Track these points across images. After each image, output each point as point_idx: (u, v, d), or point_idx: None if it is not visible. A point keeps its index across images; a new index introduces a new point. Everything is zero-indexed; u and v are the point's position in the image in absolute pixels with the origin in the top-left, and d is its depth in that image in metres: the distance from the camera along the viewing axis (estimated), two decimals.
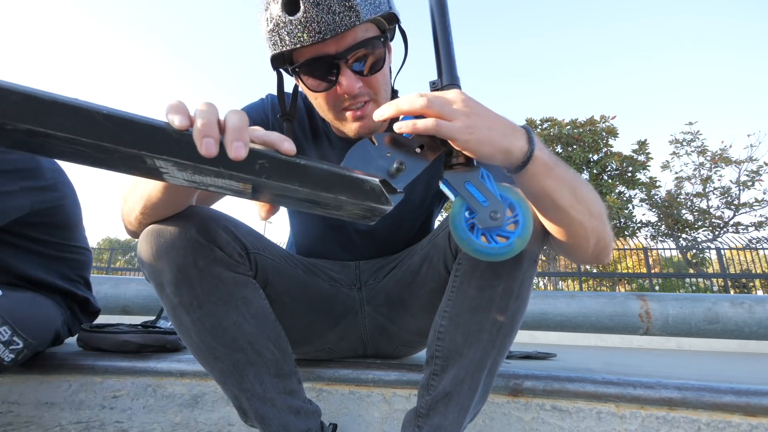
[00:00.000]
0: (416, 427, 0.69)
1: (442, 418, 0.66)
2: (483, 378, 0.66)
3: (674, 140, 11.69)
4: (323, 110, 0.75)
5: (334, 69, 0.67)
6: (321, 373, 0.97)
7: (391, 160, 0.47)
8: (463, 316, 0.65)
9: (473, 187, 0.49)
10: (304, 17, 0.62)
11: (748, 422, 0.83)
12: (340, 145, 0.87)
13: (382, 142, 0.48)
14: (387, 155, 0.47)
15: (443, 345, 0.67)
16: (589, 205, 0.57)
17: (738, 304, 1.85)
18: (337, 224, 0.90)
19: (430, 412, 0.67)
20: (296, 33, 0.63)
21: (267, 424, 0.68)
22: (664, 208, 11.02)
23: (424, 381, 0.70)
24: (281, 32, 0.64)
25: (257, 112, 0.85)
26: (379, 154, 0.47)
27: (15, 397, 1.01)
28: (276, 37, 0.65)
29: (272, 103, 0.87)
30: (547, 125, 11.65)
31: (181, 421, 0.97)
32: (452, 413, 0.66)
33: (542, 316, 1.96)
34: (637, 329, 1.90)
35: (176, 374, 1.01)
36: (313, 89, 0.70)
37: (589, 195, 0.58)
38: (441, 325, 0.67)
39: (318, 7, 0.62)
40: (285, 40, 0.65)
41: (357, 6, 0.63)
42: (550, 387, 0.90)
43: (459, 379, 0.65)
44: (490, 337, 0.64)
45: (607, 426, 0.87)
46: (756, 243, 8.63)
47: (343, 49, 0.66)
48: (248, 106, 0.87)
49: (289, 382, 0.70)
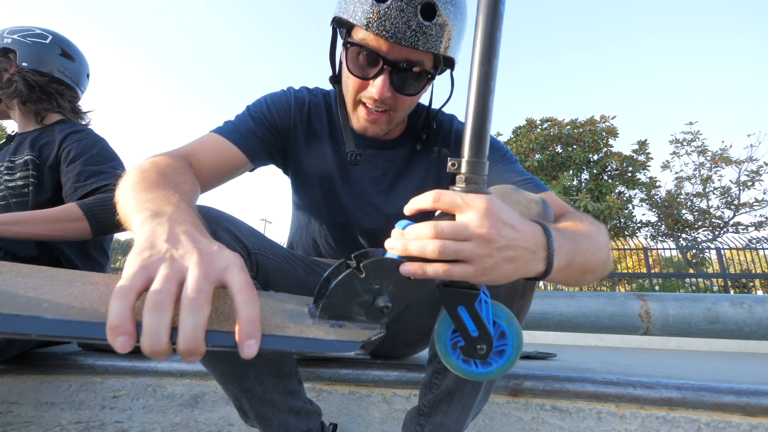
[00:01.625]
0: (418, 426, 0.69)
1: (444, 416, 0.66)
2: None
3: (674, 140, 11.69)
4: (347, 90, 0.77)
5: (377, 68, 0.70)
6: (321, 373, 0.97)
7: (378, 294, 0.43)
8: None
9: (466, 313, 0.45)
10: (385, 11, 0.65)
11: (748, 422, 0.83)
12: (353, 141, 0.88)
13: (372, 271, 0.42)
14: (375, 286, 0.42)
15: None
16: (600, 265, 0.56)
17: (738, 304, 1.85)
18: (341, 222, 0.90)
19: (432, 410, 0.67)
20: (370, 17, 0.66)
21: (267, 424, 0.68)
22: (664, 208, 11.02)
23: (426, 379, 0.70)
24: (357, 5, 0.67)
25: (281, 102, 0.86)
26: (366, 287, 0.42)
27: (15, 397, 1.01)
28: (351, 5, 0.68)
29: (295, 97, 0.88)
30: (547, 125, 11.65)
31: (181, 421, 0.97)
32: (455, 411, 0.66)
33: (542, 316, 1.96)
34: (637, 329, 1.90)
35: (176, 374, 1.01)
36: (351, 70, 0.73)
37: (600, 255, 0.56)
38: None
39: (401, 12, 0.65)
40: (357, 15, 0.67)
41: (429, 36, 0.67)
42: (550, 387, 0.90)
43: (462, 377, 0.65)
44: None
45: (607, 426, 0.87)
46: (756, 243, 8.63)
47: (394, 59, 0.69)
48: (272, 95, 0.88)
49: (289, 382, 0.70)
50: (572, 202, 9.05)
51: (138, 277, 0.33)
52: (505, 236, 0.42)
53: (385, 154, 0.89)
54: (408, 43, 0.66)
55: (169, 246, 0.36)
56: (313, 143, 0.87)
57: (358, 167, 0.88)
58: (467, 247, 0.42)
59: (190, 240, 0.38)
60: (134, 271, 0.33)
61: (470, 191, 0.44)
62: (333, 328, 0.41)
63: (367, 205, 0.88)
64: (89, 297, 0.35)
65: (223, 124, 0.81)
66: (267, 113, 0.84)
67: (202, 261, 0.35)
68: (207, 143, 0.76)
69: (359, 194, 0.88)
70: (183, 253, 0.36)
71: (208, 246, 0.38)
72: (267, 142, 0.83)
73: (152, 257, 0.35)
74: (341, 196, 0.87)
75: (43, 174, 1.17)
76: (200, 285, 0.33)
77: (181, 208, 0.45)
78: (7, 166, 1.19)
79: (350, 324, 0.42)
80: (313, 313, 0.42)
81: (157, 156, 0.63)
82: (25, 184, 1.16)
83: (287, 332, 0.38)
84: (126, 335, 0.31)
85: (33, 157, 1.18)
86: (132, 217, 0.45)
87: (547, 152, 10.97)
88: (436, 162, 0.90)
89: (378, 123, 0.77)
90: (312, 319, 0.41)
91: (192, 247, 0.36)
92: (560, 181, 9.93)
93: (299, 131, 0.87)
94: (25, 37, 1.23)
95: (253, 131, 0.81)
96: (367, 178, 0.88)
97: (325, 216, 0.90)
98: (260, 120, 0.82)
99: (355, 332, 0.41)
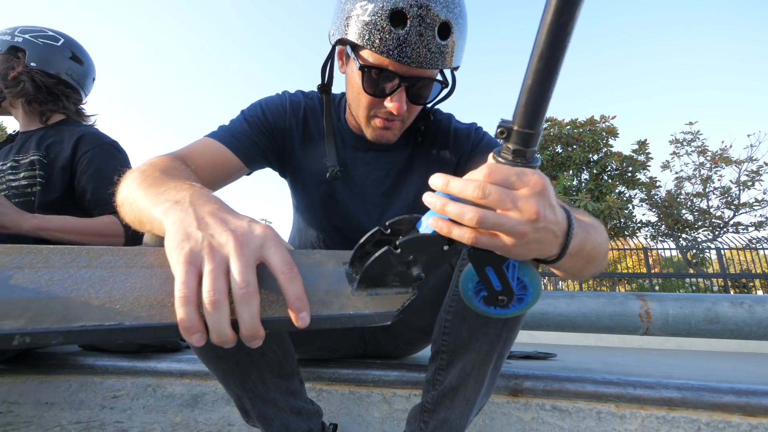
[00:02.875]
0: (422, 422, 0.69)
1: (448, 412, 0.67)
2: (489, 371, 0.67)
3: (674, 140, 11.67)
4: (358, 106, 0.78)
5: (394, 85, 0.71)
6: (321, 373, 0.97)
7: (412, 265, 0.44)
8: (468, 311, 0.65)
9: (492, 272, 0.46)
10: (404, 37, 0.65)
11: (748, 422, 0.83)
12: (352, 143, 0.89)
13: (408, 248, 0.43)
14: (409, 259, 0.44)
15: (449, 339, 0.67)
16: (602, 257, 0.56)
17: (738, 304, 1.85)
18: (340, 225, 0.90)
19: (436, 406, 0.68)
20: (388, 44, 0.66)
21: (269, 424, 0.68)
22: (664, 208, 11.01)
23: (430, 376, 0.70)
24: (374, 32, 0.67)
25: (276, 106, 0.86)
26: (401, 260, 0.44)
27: (15, 397, 1.01)
28: (366, 32, 0.67)
29: (290, 101, 0.88)
30: (548, 125, 11.64)
31: (181, 421, 0.97)
32: (458, 407, 0.67)
33: (542, 316, 1.96)
34: (637, 329, 1.90)
35: (176, 374, 1.01)
36: (366, 90, 0.73)
37: (604, 247, 0.56)
38: (446, 320, 0.68)
39: (420, 37, 0.65)
40: (374, 42, 0.67)
41: (446, 53, 0.69)
42: (550, 387, 0.90)
43: (465, 373, 0.65)
44: (496, 330, 0.64)
45: (607, 426, 0.87)
46: (756, 243, 8.61)
47: (412, 76, 0.70)
48: (266, 99, 0.88)
49: (291, 382, 0.70)
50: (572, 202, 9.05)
51: (190, 277, 0.35)
52: (547, 218, 0.41)
53: (387, 156, 0.89)
54: (429, 65, 0.68)
55: (203, 233, 0.38)
56: (311, 146, 0.88)
57: (360, 169, 0.88)
58: (508, 222, 0.39)
59: (220, 222, 0.39)
60: (184, 271, 0.35)
61: (522, 165, 0.40)
62: (370, 297, 0.44)
63: (368, 206, 0.88)
64: (152, 287, 0.38)
65: (218, 129, 0.81)
66: (262, 117, 0.84)
67: (240, 246, 0.37)
68: (202, 147, 0.76)
69: (361, 196, 0.88)
70: (219, 240, 0.37)
71: (239, 225, 0.39)
72: (263, 147, 0.83)
73: (192, 250, 0.36)
74: (342, 198, 0.88)
75: (52, 174, 1.18)
76: (246, 277, 0.36)
77: (196, 190, 0.46)
78: (12, 166, 1.19)
79: (385, 290, 0.45)
80: (350, 277, 0.45)
81: (153, 159, 0.63)
82: (30, 184, 1.16)
83: (331, 310, 0.42)
84: (198, 333, 0.35)
85: (40, 157, 1.18)
86: (150, 210, 0.45)
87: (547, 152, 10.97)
88: (436, 162, 0.90)
89: (392, 131, 0.79)
90: (350, 286, 0.44)
91: (225, 231, 0.38)
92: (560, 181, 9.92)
93: (295, 135, 0.87)
94: (36, 37, 1.23)
95: (249, 135, 0.81)
96: (369, 180, 0.88)
97: (323, 218, 0.90)
98: (256, 124, 0.82)
99: (391, 299, 0.45)
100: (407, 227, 0.44)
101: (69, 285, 0.37)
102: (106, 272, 0.39)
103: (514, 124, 0.39)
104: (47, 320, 0.34)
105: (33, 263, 0.38)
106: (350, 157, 0.88)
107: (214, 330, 0.35)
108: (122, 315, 0.36)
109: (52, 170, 1.18)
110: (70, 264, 0.38)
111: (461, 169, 0.89)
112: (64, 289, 0.36)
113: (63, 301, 0.35)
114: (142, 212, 0.48)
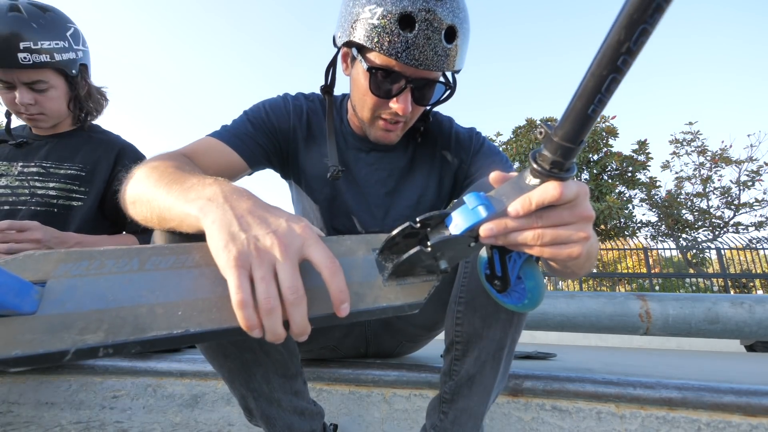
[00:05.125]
0: (441, 413, 0.69)
1: (467, 400, 0.67)
2: (504, 357, 0.67)
3: (674, 140, 11.68)
4: (363, 108, 0.79)
5: (400, 86, 0.73)
6: (321, 373, 0.97)
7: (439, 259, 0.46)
8: (479, 300, 0.65)
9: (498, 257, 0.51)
10: (412, 40, 0.67)
11: (748, 422, 0.83)
12: (354, 145, 0.90)
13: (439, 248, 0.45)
14: (438, 254, 0.45)
15: (462, 330, 0.67)
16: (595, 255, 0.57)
17: (738, 304, 1.85)
18: (345, 226, 0.90)
19: (454, 396, 0.68)
20: (397, 47, 0.68)
21: (272, 424, 0.68)
22: (664, 208, 11.01)
23: (446, 368, 0.71)
24: (383, 35, 0.68)
25: (279, 108, 0.87)
26: (431, 257, 0.46)
27: (15, 397, 1.01)
28: (375, 35, 0.69)
29: (293, 103, 0.89)
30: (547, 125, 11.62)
31: (181, 421, 0.97)
32: (476, 395, 0.67)
33: (542, 316, 1.96)
34: (637, 329, 1.90)
35: (176, 374, 1.01)
36: (373, 91, 0.74)
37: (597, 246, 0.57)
38: (458, 311, 0.68)
39: (428, 40, 0.67)
40: (383, 45, 0.68)
41: (451, 56, 0.71)
42: (550, 387, 0.90)
43: (481, 361, 0.66)
44: (507, 316, 0.65)
45: (607, 426, 0.87)
46: (756, 243, 8.62)
47: (418, 78, 0.72)
48: (269, 100, 0.88)
49: (295, 382, 0.70)
50: None
51: (244, 281, 0.37)
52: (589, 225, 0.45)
53: (389, 157, 0.90)
54: (435, 68, 0.70)
55: (247, 235, 0.39)
56: (313, 148, 0.88)
57: (363, 170, 0.89)
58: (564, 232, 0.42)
59: (261, 223, 0.41)
60: (237, 276, 0.37)
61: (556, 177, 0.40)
62: (400, 286, 0.47)
63: (372, 207, 0.89)
64: (204, 289, 0.40)
65: (221, 129, 0.81)
66: (266, 118, 0.84)
67: (285, 249, 0.39)
68: (206, 147, 0.76)
69: (364, 197, 0.88)
70: (265, 243, 0.39)
71: (279, 225, 0.41)
72: (266, 148, 0.83)
73: (240, 252, 0.38)
74: (345, 198, 0.88)
75: (92, 188, 1.15)
76: (294, 282, 0.38)
77: (223, 184, 0.46)
78: (39, 172, 1.11)
79: (412, 279, 0.48)
80: (380, 265, 0.47)
81: (158, 156, 0.62)
82: (59, 196, 1.11)
83: (366, 303, 0.44)
84: (257, 329, 0.38)
85: (77, 171, 1.14)
86: (180, 207, 0.45)
87: None
88: (438, 162, 0.91)
89: (395, 132, 0.81)
90: (381, 275, 0.47)
91: (268, 233, 0.39)
92: None
93: (299, 136, 0.87)
94: (84, 43, 1.16)
95: (253, 137, 0.81)
96: (372, 181, 0.89)
97: (326, 219, 0.90)
98: (259, 125, 0.83)
99: (419, 287, 0.47)
100: (436, 221, 0.46)
101: (131, 292, 0.38)
102: (159, 275, 0.40)
103: (556, 135, 0.38)
104: (123, 332, 0.36)
105: (91, 270, 0.39)
106: (353, 158, 0.89)
107: (270, 330, 0.38)
108: (186, 321, 0.38)
109: (92, 184, 1.15)
110: (125, 268, 0.40)
111: (462, 172, 0.90)
112: (128, 298, 0.38)
113: (131, 311, 0.37)
114: (165, 210, 0.47)
